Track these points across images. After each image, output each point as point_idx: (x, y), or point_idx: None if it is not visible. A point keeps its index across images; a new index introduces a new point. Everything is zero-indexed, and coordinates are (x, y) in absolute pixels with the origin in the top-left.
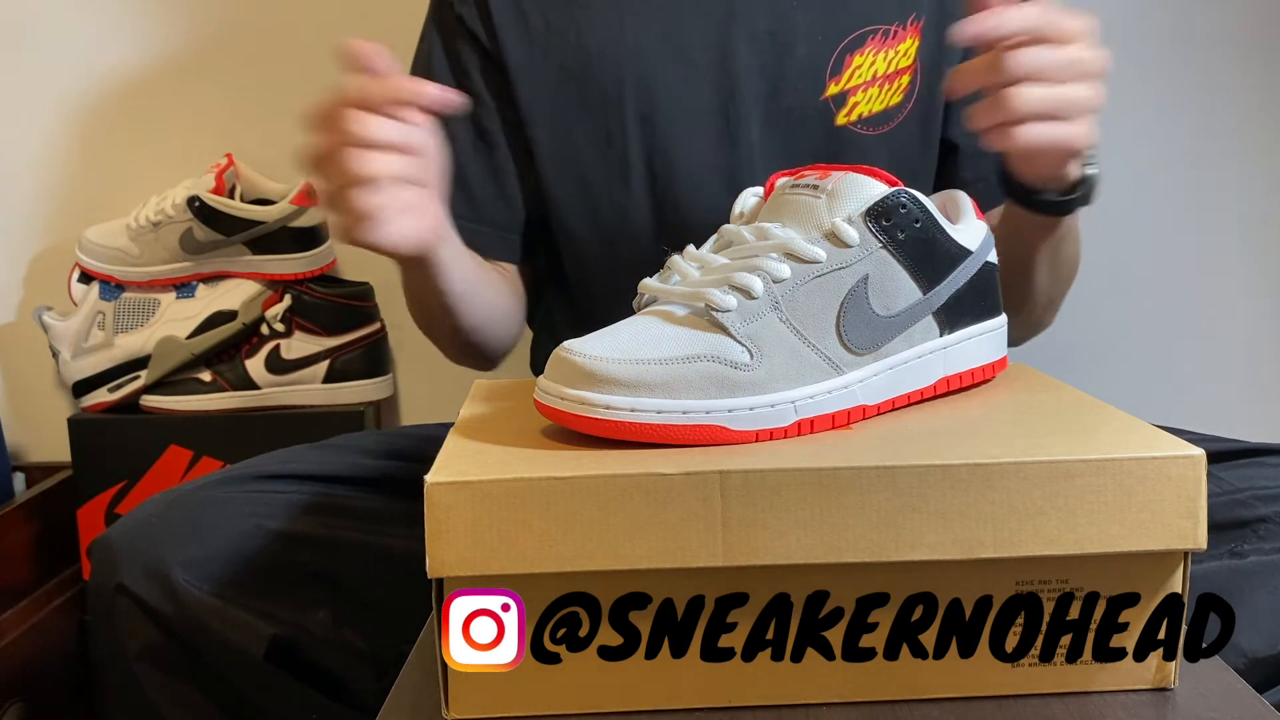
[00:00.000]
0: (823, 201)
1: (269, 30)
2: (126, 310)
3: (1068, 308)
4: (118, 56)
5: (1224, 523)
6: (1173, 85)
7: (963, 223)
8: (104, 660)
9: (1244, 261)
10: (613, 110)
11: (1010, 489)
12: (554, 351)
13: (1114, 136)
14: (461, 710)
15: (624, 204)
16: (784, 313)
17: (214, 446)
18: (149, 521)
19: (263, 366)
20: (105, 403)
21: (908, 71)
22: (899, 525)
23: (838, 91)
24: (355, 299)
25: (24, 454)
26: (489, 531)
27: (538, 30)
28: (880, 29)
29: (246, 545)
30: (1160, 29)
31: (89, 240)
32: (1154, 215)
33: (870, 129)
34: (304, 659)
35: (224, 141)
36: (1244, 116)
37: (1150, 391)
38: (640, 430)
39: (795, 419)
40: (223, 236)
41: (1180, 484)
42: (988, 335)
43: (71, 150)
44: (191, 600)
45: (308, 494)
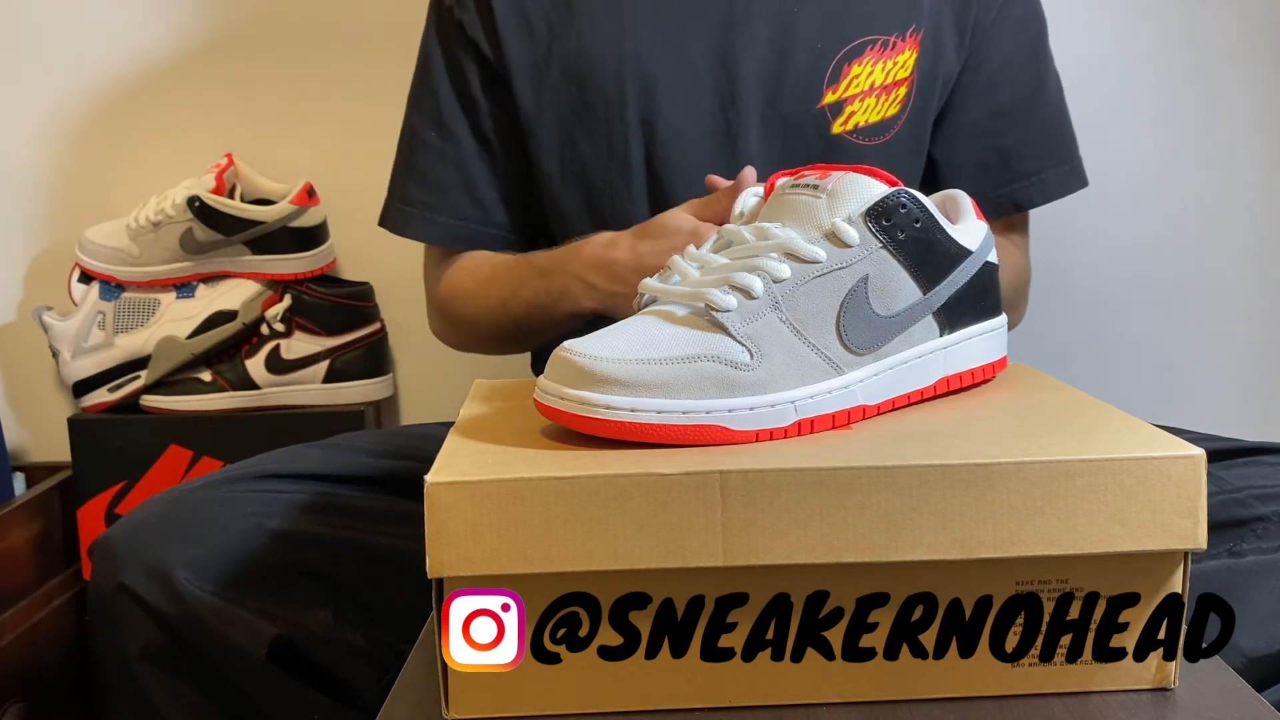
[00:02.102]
0: (823, 201)
1: (269, 30)
2: (126, 310)
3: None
4: (118, 57)
5: (1222, 522)
6: (1173, 86)
7: (963, 223)
8: (104, 660)
9: (1244, 262)
10: (614, 112)
11: (1010, 489)
12: (554, 351)
13: (1114, 137)
14: (461, 710)
15: (625, 205)
16: (784, 313)
17: (214, 446)
18: (149, 521)
19: (263, 366)
20: (105, 403)
21: (905, 83)
22: (899, 525)
23: (834, 100)
24: (355, 299)
25: (24, 454)
26: (489, 531)
27: (541, 36)
28: (880, 39)
29: (247, 545)
30: (1161, 29)
31: (89, 240)
32: (1154, 215)
33: (866, 139)
34: (304, 659)
35: (224, 141)
36: (1245, 117)
37: (1150, 391)
38: (640, 430)
39: (795, 419)
40: (223, 236)
41: (1180, 484)
42: (988, 335)
43: (72, 150)
44: (192, 600)
45: (308, 493)
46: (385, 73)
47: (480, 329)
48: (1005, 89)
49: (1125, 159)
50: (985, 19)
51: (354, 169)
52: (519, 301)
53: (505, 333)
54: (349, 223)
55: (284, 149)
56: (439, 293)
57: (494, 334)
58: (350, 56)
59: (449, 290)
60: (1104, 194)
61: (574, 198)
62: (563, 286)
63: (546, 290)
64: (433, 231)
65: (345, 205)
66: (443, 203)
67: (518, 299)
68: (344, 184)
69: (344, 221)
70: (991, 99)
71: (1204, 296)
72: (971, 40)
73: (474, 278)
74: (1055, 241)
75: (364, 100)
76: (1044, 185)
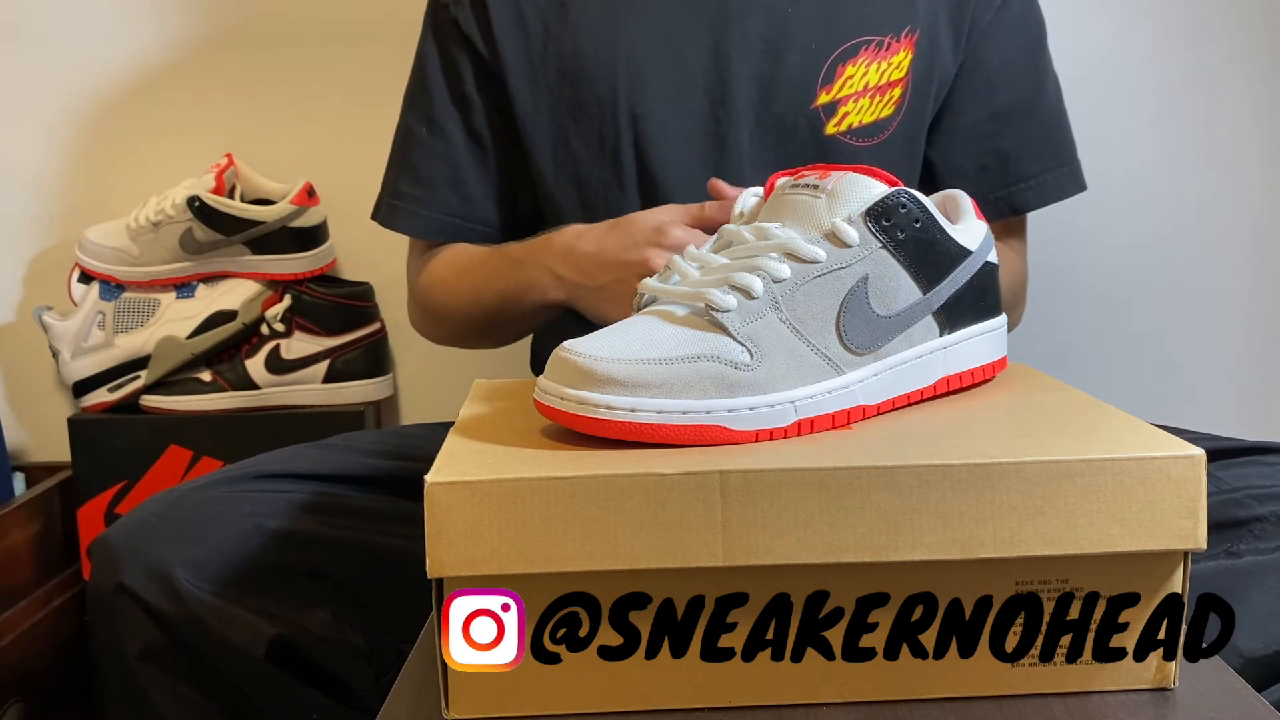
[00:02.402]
0: (823, 201)
1: (269, 30)
2: (126, 310)
3: (1068, 308)
4: (118, 56)
5: (1220, 522)
6: (1173, 86)
7: (962, 223)
8: (104, 660)
9: (1244, 262)
10: (606, 111)
11: (1010, 489)
12: (554, 351)
13: (1114, 138)
14: (461, 710)
15: (619, 204)
16: (784, 313)
17: (214, 446)
18: (149, 521)
19: (263, 366)
20: (105, 403)
21: (900, 84)
22: (899, 525)
23: (828, 101)
24: (355, 299)
25: (24, 454)
26: (489, 531)
27: (536, 34)
28: (874, 40)
29: (247, 545)
30: (1161, 29)
31: (89, 240)
32: (1154, 215)
33: (860, 140)
34: (304, 659)
35: (224, 141)
36: (1245, 117)
37: (1150, 391)
38: (640, 430)
39: (795, 419)
40: (223, 236)
41: (1180, 484)
42: (988, 335)
43: (71, 150)
44: (192, 600)
45: (308, 493)
46: (385, 72)
47: (455, 320)
48: (1003, 91)
49: (1125, 159)
50: (982, 20)
51: (354, 169)
52: (490, 292)
53: (477, 323)
54: (349, 223)
55: (284, 149)
56: (419, 285)
57: (467, 325)
58: (350, 56)
59: (427, 281)
60: (1104, 194)
61: (567, 195)
62: (531, 277)
63: (516, 281)
64: (419, 225)
65: (345, 205)
66: (431, 197)
67: (489, 289)
68: (344, 184)
69: (344, 221)
70: (990, 101)
71: (1204, 296)
72: (968, 41)
73: (451, 268)
74: (1055, 241)
75: (364, 100)
76: (1042, 188)
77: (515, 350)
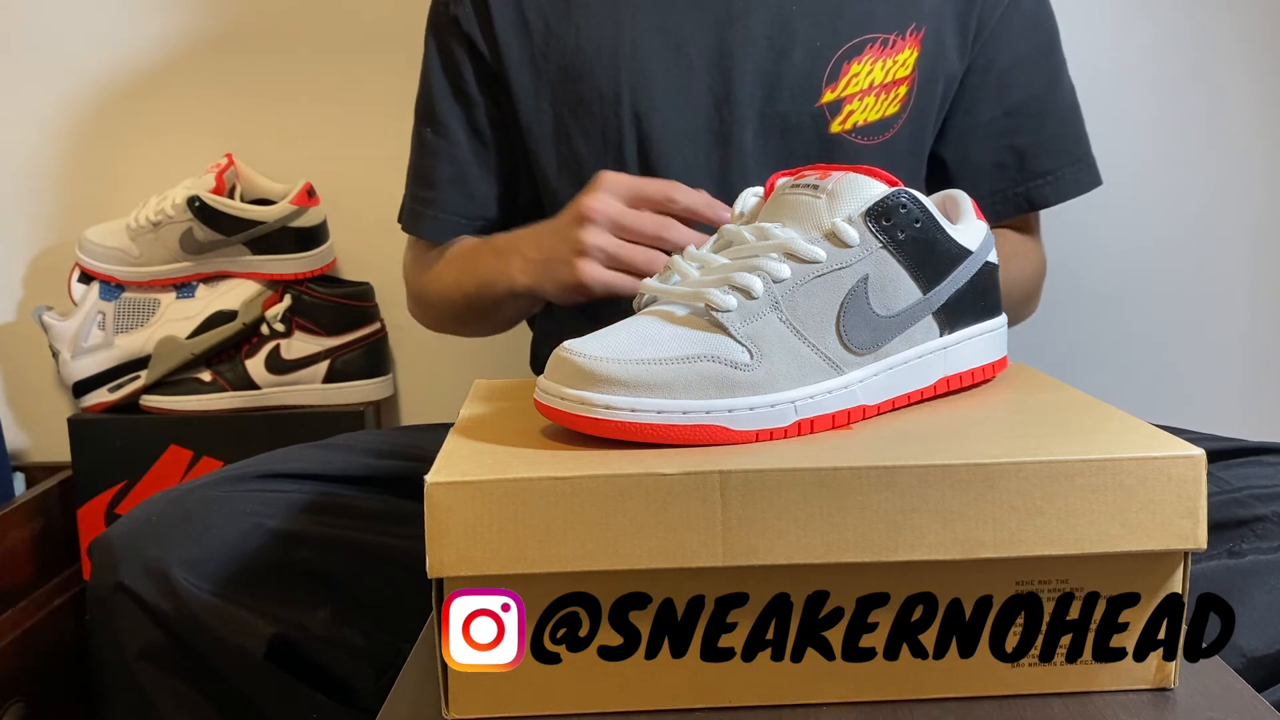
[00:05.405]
0: (823, 201)
1: (269, 30)
2: (126, 310)
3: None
4: (118, 56)
5: (1221, 522)
6: (1173, 86)
7: (963, 223)
8: (104, 660)
9: (1245, 262)
10: (608, 109)
11: (1010, 489)
12: (554, 351)
13: (1114, 138)
14: (461, 710)
15: None
16: (784, 313)
17: (214, 446)
18: (149, 521)
19: (263, 366)
20: (105, 403)
21: (905, 82)
22: (899, 525)
23: (833, 99)
24: (355, 299)
25: (24, 454)
26: (489, 531)
27: (538, 32)
28: (880, 38)
29: (246, 544)
30: (1161, 29)
31: (89, 240)
32: (1154, 215)
33: (865, 138)
34: (304, 658)
35: (224, 141)
36: (1245, 117)
37: (1150, 391)
38: (640, 430)
39: (795, 419)
40: (223, 236)
41: (1180, 484)
42: (988, 335)
43: (71, 150)
44: (191, 600)
45: (307, 493)
46: (385, 73)
47: (440, 306)
48: (1018, 88)
49: (1126, 159)
50: (990, 18)
51: (354, 169)
52: (471, 279)
53: (458, 309)
54: (349, 223)
55: (284, 149)
56: (417, 274)
57: (450, 310)
58: (350, 57)
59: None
60: (1104, 194)
61: (570, 193)
62: (506, 262)
63: (494, 268)
64: (440, 230)
65: (345, 205)
66: (443, 199)
67: (470, 276)
68: (344, 184)
69: (344, 221)
70: (1005, 98)
71: (1204, 297)
72: (976, 40)
73: (444, 257)
74: (1055, 242)
75: (364, 100)
76: (1059, 184)
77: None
